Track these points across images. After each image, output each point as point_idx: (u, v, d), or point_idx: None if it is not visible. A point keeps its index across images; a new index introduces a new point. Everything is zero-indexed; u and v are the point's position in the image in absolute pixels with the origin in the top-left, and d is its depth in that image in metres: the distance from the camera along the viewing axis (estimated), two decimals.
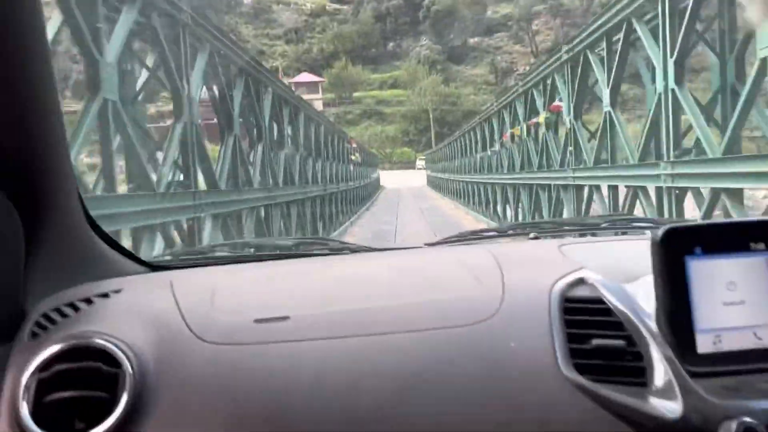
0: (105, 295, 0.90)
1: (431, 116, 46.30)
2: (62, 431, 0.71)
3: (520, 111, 11.09)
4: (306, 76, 46.77)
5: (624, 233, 1.41)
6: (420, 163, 43.70)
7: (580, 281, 0.89)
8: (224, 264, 1.18)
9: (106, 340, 0.77)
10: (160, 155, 5.63)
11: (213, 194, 5.87)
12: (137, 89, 5.99)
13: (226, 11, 46.78)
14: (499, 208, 13.41)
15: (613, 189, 7.00)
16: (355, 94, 49.69)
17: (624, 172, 6.49)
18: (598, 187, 7.27)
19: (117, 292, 0.92)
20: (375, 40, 54.40)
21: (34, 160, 0.85)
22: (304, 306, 0.89)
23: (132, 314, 0.86)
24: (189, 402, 0.76)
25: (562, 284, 0.88)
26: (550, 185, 9.14)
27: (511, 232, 1.48)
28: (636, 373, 0.79)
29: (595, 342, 0.80)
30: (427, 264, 1.07)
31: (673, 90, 5.44)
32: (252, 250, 1.50)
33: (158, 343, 0.81)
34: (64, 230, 0.95)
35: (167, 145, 5.44)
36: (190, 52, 5.70)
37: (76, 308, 0.86)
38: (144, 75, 6.09)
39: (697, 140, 5.66)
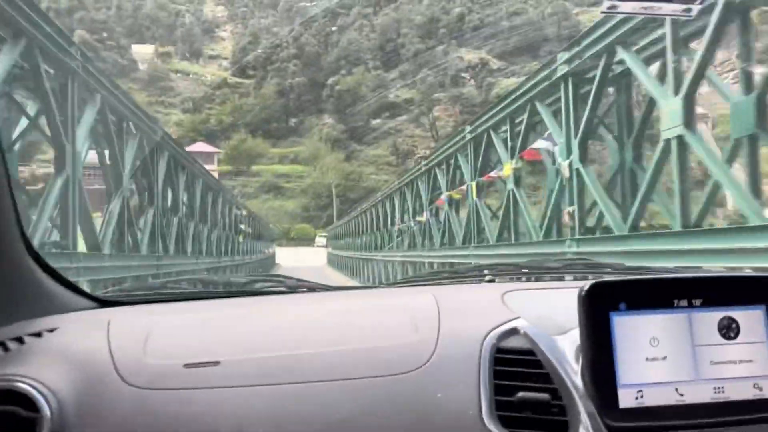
0: (38, 335, 0.91)
1: (334, 191, 47.21)
2: None
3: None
4: (201, 146, 46.24)
5: (584, 278, 1.50)
6: (320, 240, 44.19)
7: (514, 331, 0.93)
8: (172, 301, 1.20)
9: (28, 384, 0.79)
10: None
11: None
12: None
13: (119, 75, 45.74)
14: None
15: None
16: (254, 167, 49.98)
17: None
18: None
19: (51, 331, 0.93)
20: (277, 115, 55.47)
21: None
22: (236, 350, 0.90)
23: (61, 356, 0.87)
24: None
25: (495, 334, 0.92)
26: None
27: (469, 273, 1.53)
28: (559, 427, 0.82)
29: (521, 395, 0.84)
30: (372, 308, 1.10)
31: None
32: (204, 286, 1.53)
33: (84, 387, 0.82)
34: (3, 266, 0.95)
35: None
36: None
37: (6, 348, 0.87)
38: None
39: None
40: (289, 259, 33.41)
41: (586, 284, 0.84)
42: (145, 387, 0.85)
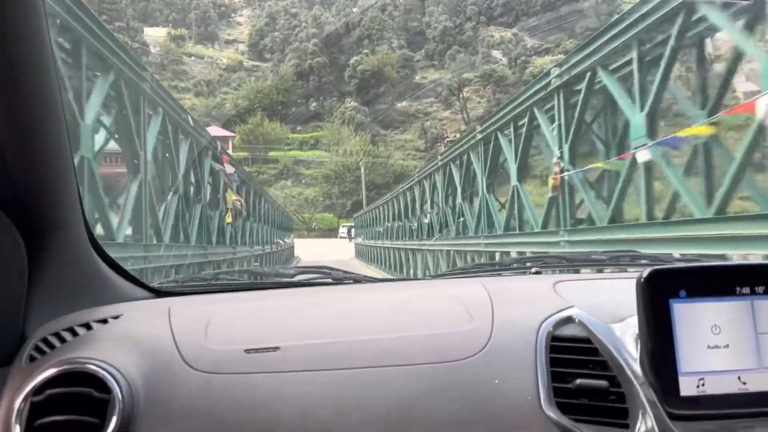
0: (104, 321, 1.06)
1: (363, 172, 45.77)
2: None
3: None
4: (214, 130, 46.29)
5: (625, 270, 1.54)
6: (343, 230, 43.27)
7: (569, 320, 1.04)
8: (225, 291, 1.38)
9: (99, 367, 0.91)
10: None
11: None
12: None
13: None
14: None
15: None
16: (271, 153, 49.66)
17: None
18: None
19: (116, 318, 1.07)
20: (296, 98, 55.88)
21: (39, 186, 0.99)
22: (294, 337, 1.04)
23: (127, 341, 1.01)
24: (177, 428, 0.90)
25: (550, 323, 1.03)
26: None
27: (514, 265, 1.67)
28: (619, 414, 0.92)
29: (579, 382, 0.94)
30: (423, 298, 1.24)
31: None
32: (254, 278, 1.70)
33: (150, 371, 0.95)
34: (68, 255, 1.10)
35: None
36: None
37: (74, 333, 1.02)
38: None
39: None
40: (310, 252, 31.30)
41: (645, 271, 0.90)
42: (209, 371, 0.96)
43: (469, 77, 54.60)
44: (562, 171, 7.69)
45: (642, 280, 0.91)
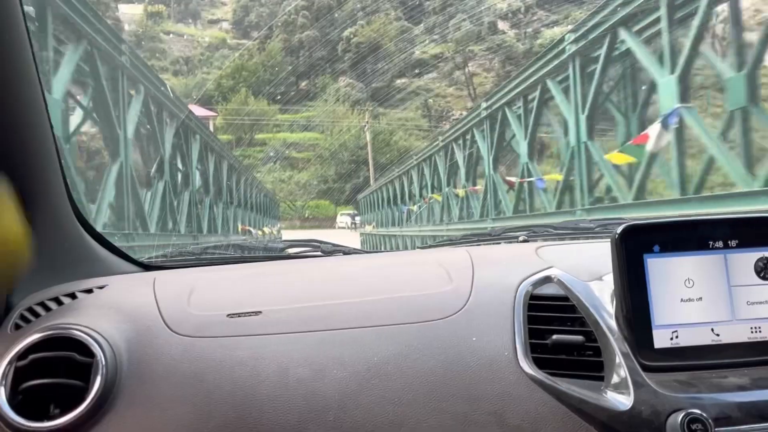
0: (89, 291, 1.16)
1: (369, 144, 43.34)
2: (37, 416, 0.92)
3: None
4: (194, 109, 44.06)
5: None
6: (343, 219, 41.24)
7: (548, 279, 1.14)
8: (212, 265, 1.47)
9: (82, 332, 1.00)
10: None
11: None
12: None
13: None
14: None
15: None
16: (258, 136, 49.24)
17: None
18: None
19: (101, 288, 1.18)
20: (285, 76, 55.53)
21: (20, 160, 1.06)
22: (276, 302, 1.13)
23: (112, 309, 1.10)
24: (160, 390, 0.98)
25: (529, 282, 1.13)
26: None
27: (504, 235, 1.82)
28: (594, 367, 1.01)
29: (555, 337, 1.03)
30: (408, 264, 1.37)
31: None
32: (243, 252, 1.81)
33: (134, 336, 1.04)
34: (52, 229, 1.18)
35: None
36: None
37: (60, 303, 1.11)
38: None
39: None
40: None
41: (620, 226, 1.00)
42: (191, 335, 1.05)
43: (474, 50, 54.10)
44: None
45: (616, 236, 0.99)
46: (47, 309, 1.11)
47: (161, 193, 8.32)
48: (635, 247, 0.99)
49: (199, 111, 44.42)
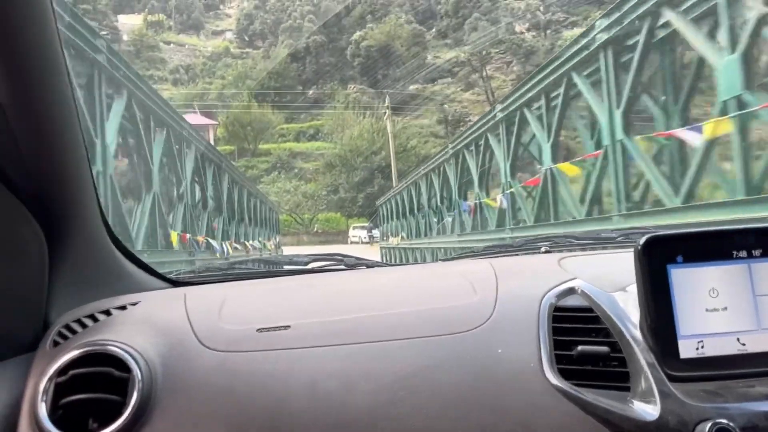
0: (123, 308, 1.22)
1: (389, 131, 39.36)
2: (77, 430, 0.97)
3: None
4: (192, 118, 45.33)
5: None
6: (357, 232, 40.07)
7: (572, 291, 1.16)
8: (239, 280, 1.56)
9: (119, 348, 1.05)
10: None
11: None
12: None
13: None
14: None
15: None
16: (263, 146, 49.01)
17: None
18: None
19: (134, 304, 1.24)
20: (291, 84, 55.57)
21: (55, 179, 1.12)
22: (305, 316, 1.18)
23: (145, 325, 1.16)
24: (194, 404, 1.02)
25: (553, 294, 1.15)
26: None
27: (525, 246, 1.87)
28: (620, 378, 1.02)
29: (580, 348, 1.05)
30: (431, 276, 1.43)
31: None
32: (268, 267, 1.90)
33: (167, 351, 1.09)
34: (86, 247, 1.26)
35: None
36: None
37: (95, 319, 1.17)
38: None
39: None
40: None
41: (642, 237, 1.03)
42: (223, 350, 1.10)
43: (491, 54, 53.86)
44: None
45: (639, 247, 1.02)
46: (84, 326, 1.17)
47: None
48: (659, 258, 1.01)
49: (197, 119, 44.87)
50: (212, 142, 44.94)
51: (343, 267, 1.72)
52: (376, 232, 35.98)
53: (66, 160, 1.13)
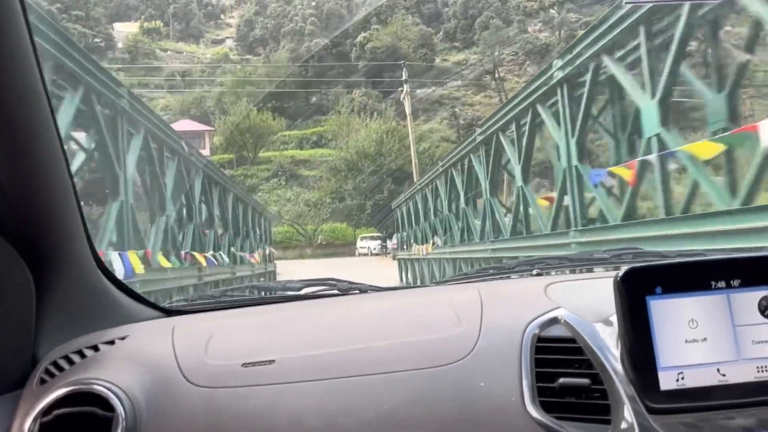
0: (111, 342, 1.39)
1: (408, 114, 37.51)
2: None
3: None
4: (186, 124, 45.02)
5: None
6: (366, 244, 39.01)
7: (555, 320, 1.31)
8: (231, 308, 1.74)
9: (104, 387, 1.19)
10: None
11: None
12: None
13: (93, 52, 48.45)
14: None
15: None
16: (263, 154, 49.12)
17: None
18: None
19: (122, 339, 1.41)
20: (293, 89, 55.78)
21: (41, 214, 1.27)
22: (290, 349, 1.35)
23: (132, 361, 1.32)
24: None
25: (536, 324, 1.31)
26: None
27: (518, 268, 2.03)
28: (601, 410, 1.15)
29: (562, 380, 1.18)
30: (418, 305, 1.60)
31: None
32: (261, 293, 2.03)
33: (153, 388, 1.25)
34: (75, 279, 1.42)
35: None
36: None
37: (83, 355, 1.33)
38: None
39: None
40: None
41: (621, 270, 1.13)
42: (207, 386, 1.25)
43: (503, 55, 54.43)
44: None
45: (618, 279, 1.13)
46: (71, 362, 1.31)
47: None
48: (637, 290, 1.12)
49: (191, 125, 44.65)
50: (207, 149, 43.64)
51: (336, 292, 1.86)
52: (393, 240, 33.54)
53: (51, 195, 1.25)
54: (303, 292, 1.91)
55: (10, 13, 1.01)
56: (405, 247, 23.62)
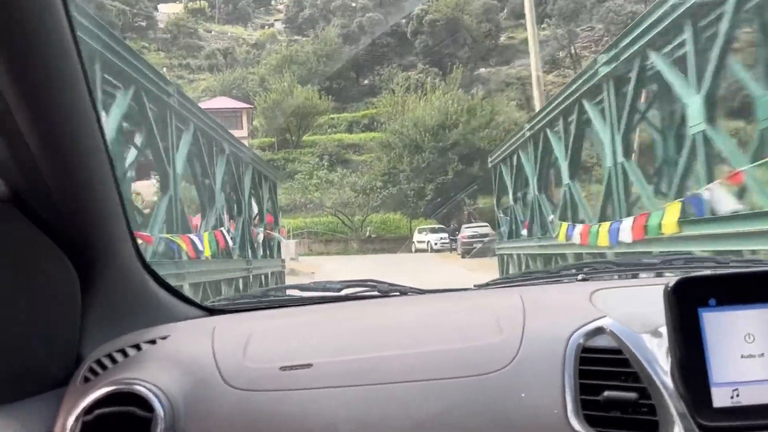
0: (152, 342, 1.56)
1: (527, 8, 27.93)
2: None
3: None
4: (222, 101, 46.93)
5: (682, 273, 1.81)
6: (423, 237, 36.72)
7: (600, 330, 1.38)
8: (271, 308, 1.96)
9: (144, 387, 1.35)
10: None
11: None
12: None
13: (130, 34, 50.62)
14: None
15: None
16: (309, 138, 49.34)
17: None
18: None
19: (164, 338, 1.58)
20: (343, 69, 55.47)
21: (86, 214, 1.41)
22: (327, 353, 1.49)
23: (172, 361, 1.48)
24: None
25: (580, 334, 1.37)
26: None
27: (563, 273, 2.17)
28: (648, 427, 1.19)
29: (607, 394, 1.23)
30: (458, 310, 1.71)
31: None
32: (301, 292, 2.24)
33: (191, 389, 1.40)
34: (119, 278, 1.59)
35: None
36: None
37: (125, 354, 1.50)
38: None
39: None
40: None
41: (672, 280, 1.17)
42: (245, 389, 1.38)
43: (576, 31, 53.28)
44: None
45: (668, 289, 1.20)
46: (114, 361, 1.48)
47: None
48: (689, 301, 1.18)
49: (228, 102, 46.82)
50: (245, 129, 45.59)
51: (376, 293, 2.00)
52: (464, 232, 31.40)
53: (96, 196, 1.43)
54: (343, 293, 2.06)
55: (54, 17, 1.14)
56: (514, 233, 17.37)
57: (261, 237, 16.03)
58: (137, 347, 1.54)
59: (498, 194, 20.59)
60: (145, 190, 15.85)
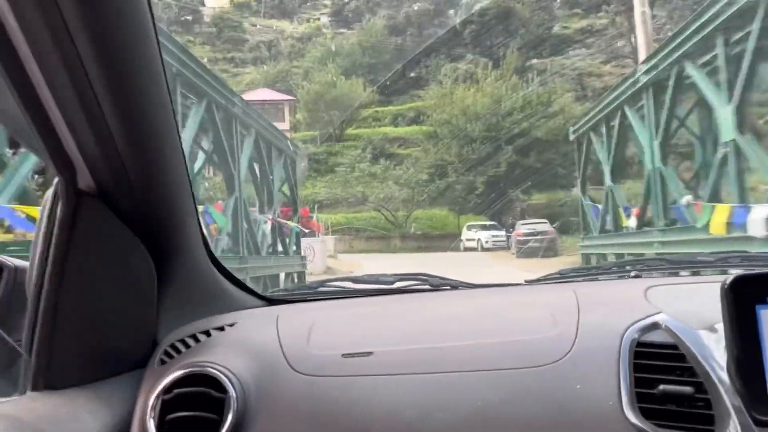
0: (221, 329, 1.70)
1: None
2: None
3: None
4: (264, 93, 47.90)
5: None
6: (473, 235, 35.00)
7: (656, 325, 1.45)
8: (329, 299, 2.10)
9: (217, 370, 1.47)
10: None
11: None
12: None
13: (176, 27, 52.33)
14: None
15: None
16: (352, 131, 48.96)
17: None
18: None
19: (231, 325, 1.72)
20: (388, 61, 55.34)
21: (163, 208, 1.56)
22: (387, 342, 1.60)
23: (241, 347, 1.62)
24: (282, 425, 1.44)
25: (636, 328, 1.45)
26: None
27: (613, 269, 2.29)
28: (704, 420, 1.26)
29: (662, 387, 1.29)
30: (513, 304, 1.81)
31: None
32: (355, 285, 2.36)
33: (260, 373, 1.52)
34: (190, 269, 1.75)
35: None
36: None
37: (197, 340, 1.64)
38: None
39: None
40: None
41: (729, 276, 1.22)
42: (310, 374, 1.49)
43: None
44: None
45: (726, 286, 1.24)
46: (186, 345, 1.64)
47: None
48: (747, 298, 1.23)
49: (270, 94, 47.71)
50: (287, 122, 45.36)
51: (428, 287, 2.16)
52: (519, 229, 29.69)
53: (172, 191, 1.56)
54: (395, 285, 2.18)
55: (148, 48, 1.30)
56: (611, 224, 14.77)
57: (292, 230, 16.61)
58: (207, 333, 1.69)
59: (583, 175, 17.43)
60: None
